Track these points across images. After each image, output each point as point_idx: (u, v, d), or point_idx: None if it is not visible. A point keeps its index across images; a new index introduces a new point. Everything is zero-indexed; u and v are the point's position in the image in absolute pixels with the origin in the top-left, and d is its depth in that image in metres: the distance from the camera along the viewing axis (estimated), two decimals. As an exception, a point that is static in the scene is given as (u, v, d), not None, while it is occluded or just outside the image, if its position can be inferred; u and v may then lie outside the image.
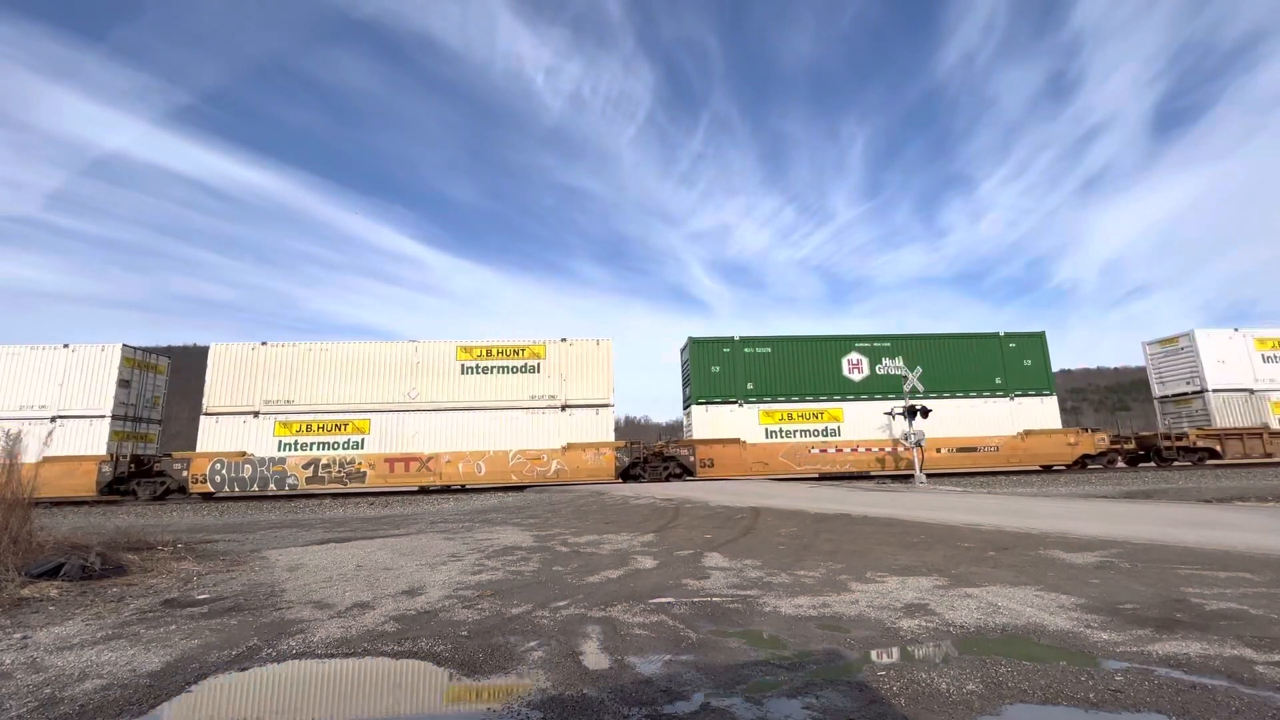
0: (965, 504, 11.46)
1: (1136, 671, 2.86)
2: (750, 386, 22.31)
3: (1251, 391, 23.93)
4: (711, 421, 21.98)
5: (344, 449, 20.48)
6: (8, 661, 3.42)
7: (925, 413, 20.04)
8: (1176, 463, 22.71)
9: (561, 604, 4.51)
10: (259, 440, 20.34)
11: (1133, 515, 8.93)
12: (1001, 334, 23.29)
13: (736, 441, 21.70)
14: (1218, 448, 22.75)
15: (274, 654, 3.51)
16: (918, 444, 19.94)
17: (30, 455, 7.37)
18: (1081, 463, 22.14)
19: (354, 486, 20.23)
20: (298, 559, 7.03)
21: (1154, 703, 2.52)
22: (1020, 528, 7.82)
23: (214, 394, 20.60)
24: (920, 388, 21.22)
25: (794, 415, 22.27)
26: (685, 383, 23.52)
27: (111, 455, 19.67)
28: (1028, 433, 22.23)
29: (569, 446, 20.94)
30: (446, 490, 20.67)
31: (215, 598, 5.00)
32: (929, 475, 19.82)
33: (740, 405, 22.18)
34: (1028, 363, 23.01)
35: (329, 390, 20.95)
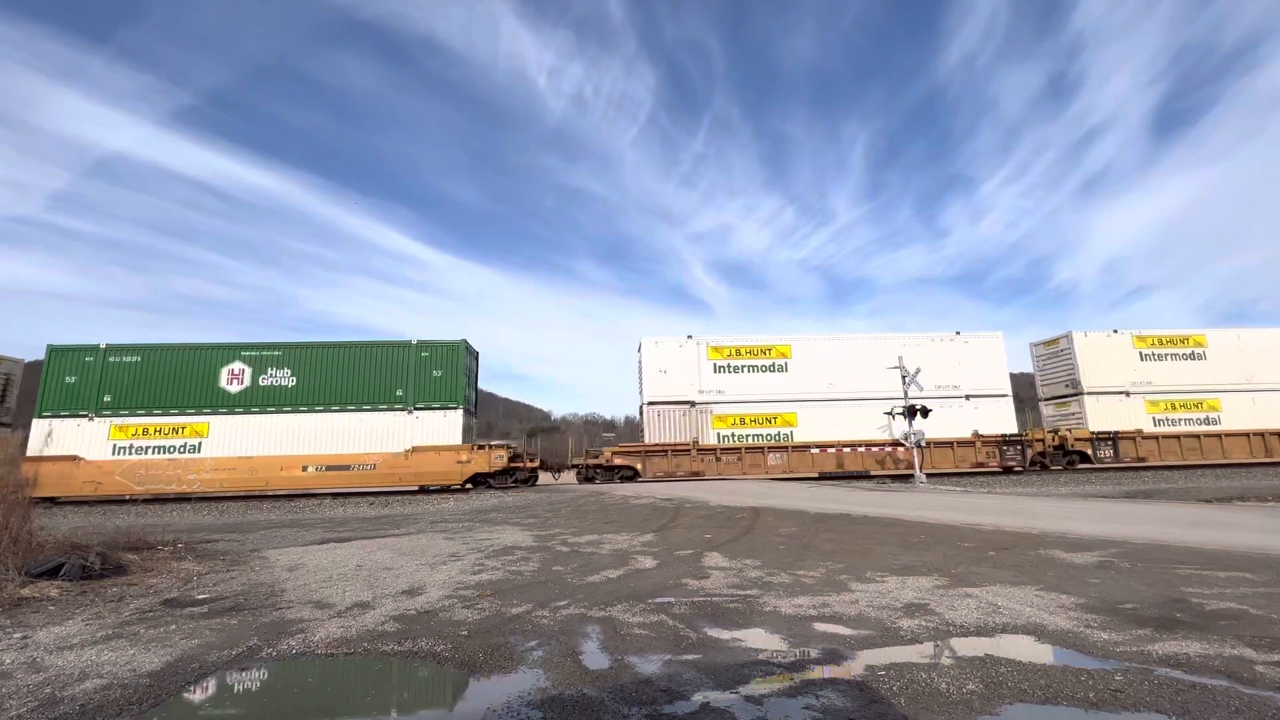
0: (965, 504, 11.46)
1: (1136, 671, 2.86)
2: (108, 399, 19.93)
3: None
4: (56, 437, 19.56)
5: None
6: (8, 661, 3.42)
7: (925, 412, 20.02)
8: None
9: (561, 604, 4.51)
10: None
11: (1132, 515, 8.93)
12: (414, 342, 21.26)
13: (73, 459, 19.24)
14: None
15: (274, 654, 3.51)
16: (918, 444, 19.95)
17: None
18: (476, 481, 20.59)
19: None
20: (298, 559, 7.03)
21: (1154, 703, 2.52)
22: (1020, 527, 7.82)
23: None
24: (922, 387, 21.18)
25: (151, 430, 19.94)
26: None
27: None
28: (416, 449, 20.25)
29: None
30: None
31: (215, 597, 5.00)
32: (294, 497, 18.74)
33: (91, 419, 19.73)
34: (437, 374, 21.04)
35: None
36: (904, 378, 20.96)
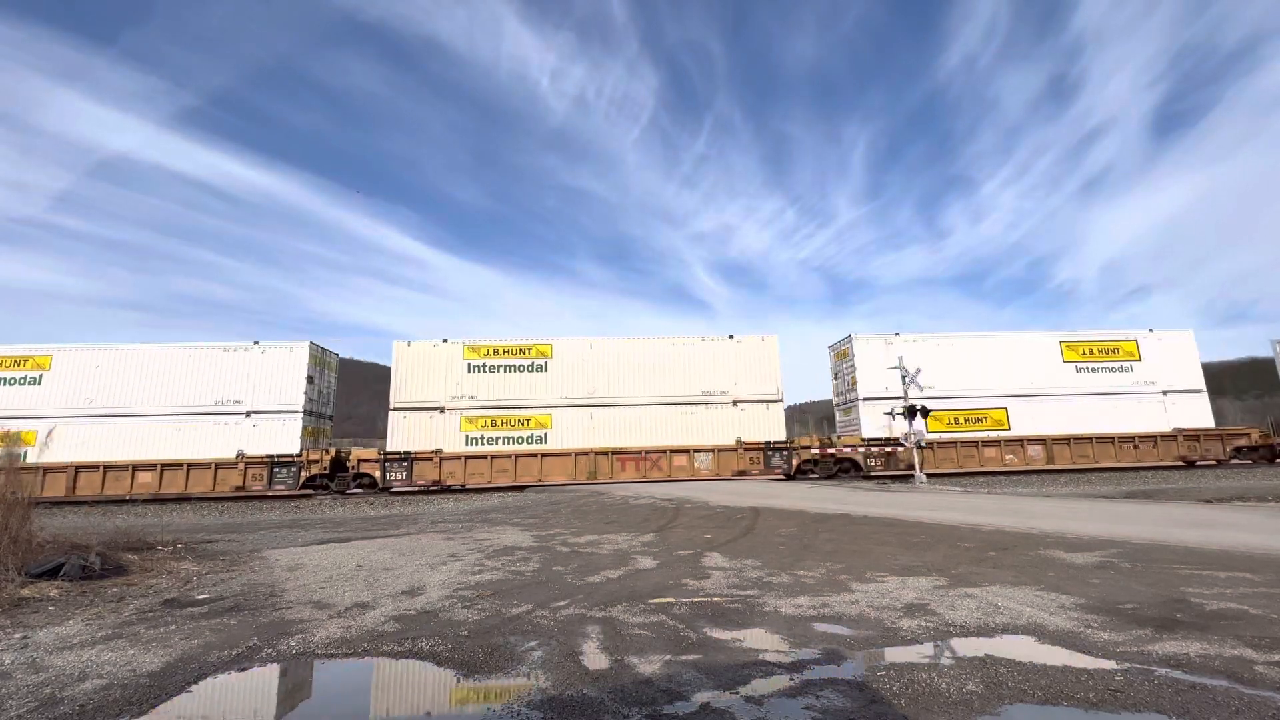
0: (965, 504, 11.46)
1: (1136, 672, 2.86)
2: None
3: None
4: None
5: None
6: (8, 661, 3.42)
7: (925, 412, 20.04)
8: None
9: (561, 604, 4.51)
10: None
11: (1133, 515, 8.93)
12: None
13: None
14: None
15: (274, 654, 3.51)
16: (918, 444, 19.95)
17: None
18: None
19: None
20: (297, 559, 7.03)
21: (1154, 703, 2.52)
22: (1020, 528, 7.82)
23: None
24: (922, 387, 21.18)
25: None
26: None
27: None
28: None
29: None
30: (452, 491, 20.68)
31: (215, 598, 5.00)
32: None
33: None
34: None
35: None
36: (904, 378, 20.97)
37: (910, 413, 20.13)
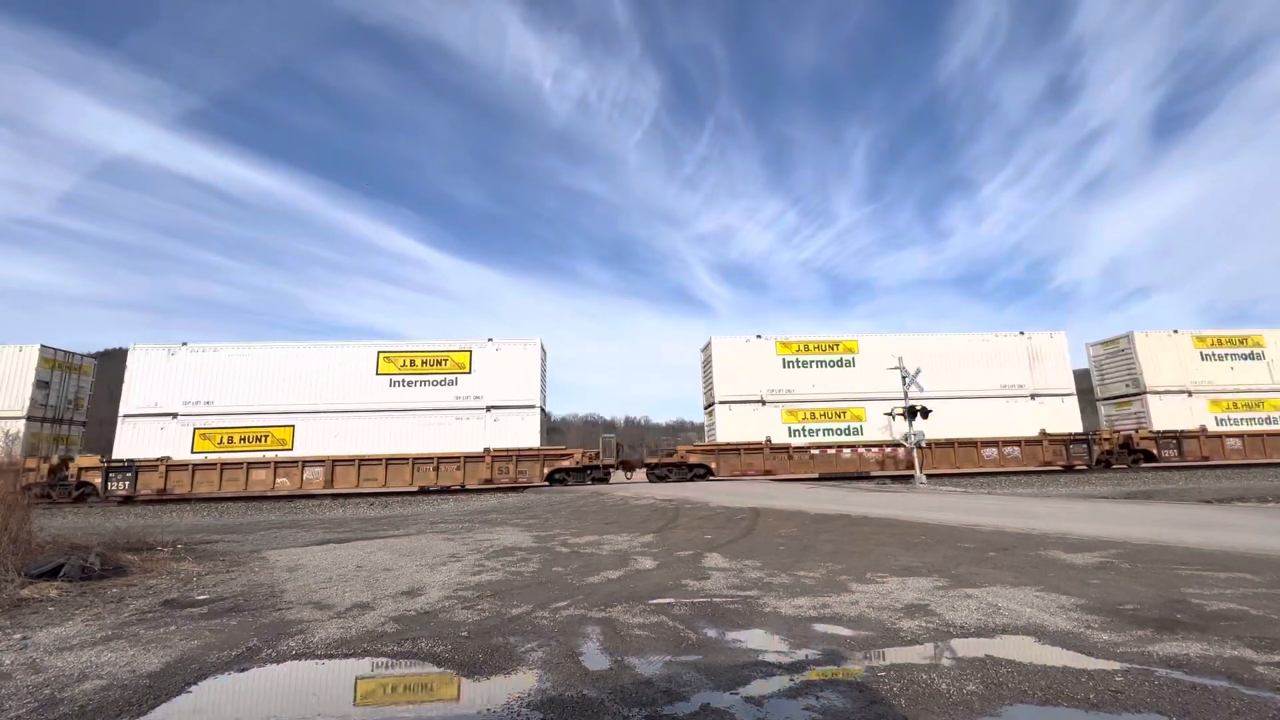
0: (966, 505, 11.45)
1: (1137, 672, 2.85)
2: None
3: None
4: None
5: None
6: (7, 662, 3.42)
7: (926, 413, 20.04)
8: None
9: (561, 605, 4.51)
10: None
11: (1133, 516, 8.93)
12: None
13: None
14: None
15: (274, 654, 3.51)
16: (918, 444, 19.94)
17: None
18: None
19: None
20: (297, 559, 7.03)
21: (1154, 704, 2.52)
22: (1020, 528, 7.82)
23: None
24: (922, 388, 21.18)
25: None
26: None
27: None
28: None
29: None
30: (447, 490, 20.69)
31: (215, 598, 5.00)
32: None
33: None
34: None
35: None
36: (904, 378, 20.96)
37: (911, 413, 20.12)
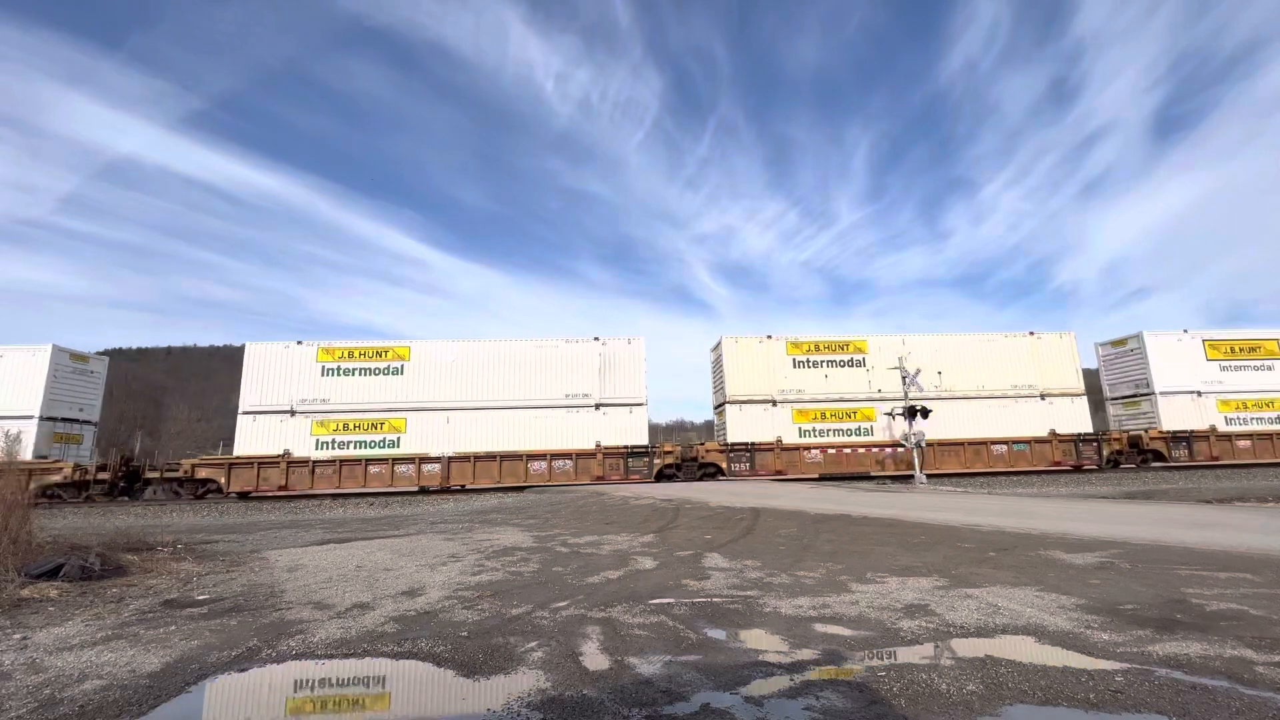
0: (966, 505, 11.45)
1: (1137, 672, 2.85)
2: None
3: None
4: None
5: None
6: (8, 662, 3.42)
7: (925, 413, 20.04)
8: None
9: (561, 605, 4.51)
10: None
11: (1133, 516, 8.93)
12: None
13: None
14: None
15: (274, 655, 3.51)
16: (918, 445, 19.93)
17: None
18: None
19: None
20: (297, 559, 7.03)
21: (1154, 703, 2.52)
22: (1020, 528, 7.82)
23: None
24: (922, 388, 21.18)
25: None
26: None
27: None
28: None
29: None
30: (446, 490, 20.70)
31: (215, 598, 5.00)
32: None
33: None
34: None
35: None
36: (904, 378, 20.96)
37: (910, 413, 20.12)
